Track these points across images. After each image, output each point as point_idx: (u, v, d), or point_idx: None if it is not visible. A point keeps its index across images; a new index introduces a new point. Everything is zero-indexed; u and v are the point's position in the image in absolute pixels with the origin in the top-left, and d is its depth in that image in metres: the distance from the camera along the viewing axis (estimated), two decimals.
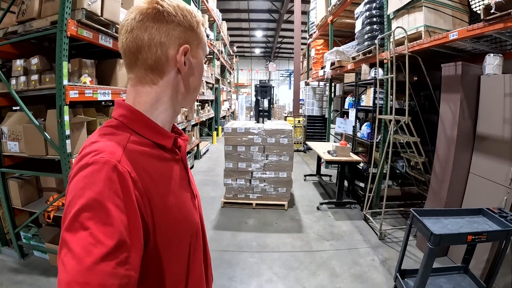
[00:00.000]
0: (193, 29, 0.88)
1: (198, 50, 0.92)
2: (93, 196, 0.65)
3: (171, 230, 0.81)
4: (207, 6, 9.68)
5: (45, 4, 2.96)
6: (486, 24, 2.99)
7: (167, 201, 0.82)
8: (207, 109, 10.99)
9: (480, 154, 3.56)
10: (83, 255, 0.60)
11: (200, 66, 0.94)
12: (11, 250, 3.68)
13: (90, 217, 0.64)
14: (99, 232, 0.63)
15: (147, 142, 0.84)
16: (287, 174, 5.46)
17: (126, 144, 0.78)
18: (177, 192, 0.87)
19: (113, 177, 0.69)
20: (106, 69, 3.77)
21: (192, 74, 0.91)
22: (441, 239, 2.50)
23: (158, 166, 0.83)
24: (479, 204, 3.16)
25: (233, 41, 23.12)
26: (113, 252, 0.63)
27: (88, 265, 0.59)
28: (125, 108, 0.86)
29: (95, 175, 0.68)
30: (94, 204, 0.65)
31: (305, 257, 3.89)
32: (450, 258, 3.78)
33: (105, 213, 0.65)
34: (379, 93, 5.01)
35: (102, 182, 0.67)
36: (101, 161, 0.70)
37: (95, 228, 0.63)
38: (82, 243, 0.61)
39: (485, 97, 3.51)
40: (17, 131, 3.20)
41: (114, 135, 0.80)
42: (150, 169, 0.80)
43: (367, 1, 5.51)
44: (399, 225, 4.76)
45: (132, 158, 0.76)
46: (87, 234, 0.62)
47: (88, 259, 0.59)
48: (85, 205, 0.65)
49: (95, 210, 0.64)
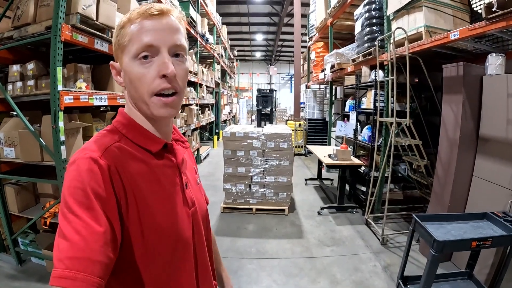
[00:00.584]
0: (117, 43, 0.89)
1: (123, 58, 0.88)
2: (77, 185, 0.74)
3: (147, 230, 0.84)
4: (206, 10, 9.67)
5: (40, 9, 2.93)
6: (488, 23, 2.93)
7: (147, 202, 0.85)
8: (207, 113, 10.96)
9: (484, 156, 3.49)
10: (72, 235, 0.68)
11: (130, 74, 0.87)
12: (8, 256, 3.63)
13: (75, 202, 0.72)
14: (83, 215, 0.71)
15: (134, 146, 0.90)
16: (287, 178, 5.40)
17: (112, 144, 0.86)
18: (162, 196, 0.90)
19: (94, 168, 0.77)
20: (103, 74, 3.73)
21: (128, 83, 0.90)
22: (444, 246, 2.43)
23: (141, 168, 0.88)
24: (483, 208, 3.10)
25: (234, 45, 23.14)
26: (98, 233, 0.70)
27: (76, 242, 0.68)
28: (120, 114, 0.96)
29: (80, 168, 0.77)
30: (78, 192, 0.73)
31: (305, 264, 3.82)
32: (453, 263, 3.70)
33: (88, 198, 0.73)
34: (380, 95, 4.95)
35: (84, 172, 0.76)
36: (85, 157, 0.79)
37: (80, 211, 0.71)
38: (71, 225, 0.70)
39: (488, 97, 3.46)
40: (13, 137, 3.16)
41: (104, 137, 0.88)
42: (132, 169, 0.85)
43: (366, 2, 5.47)
44: (401, 230, 4.69)
45: (113, 155, 0.83)
46: (74, 217, 0.70)
47: (76, 237, 0.68)
48: (71, 193, 0.73)
49: (79, 196, 0.73)
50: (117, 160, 0.83)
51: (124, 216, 0.80)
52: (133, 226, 0.81)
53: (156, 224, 0.85)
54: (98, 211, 0.73)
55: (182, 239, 0.92)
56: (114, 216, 0.77)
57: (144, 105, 0.89)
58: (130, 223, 0.81)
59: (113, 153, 0.83)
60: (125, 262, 0.81)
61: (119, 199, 0.80)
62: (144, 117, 0.93)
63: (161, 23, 0.86)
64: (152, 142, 0.92)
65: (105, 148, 0.83)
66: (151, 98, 0.86)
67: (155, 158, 0.92)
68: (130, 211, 0.81)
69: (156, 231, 0.85)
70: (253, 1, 17.70)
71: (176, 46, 0.88)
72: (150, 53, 0.85)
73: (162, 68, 0.84)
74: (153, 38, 0.84)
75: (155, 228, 0.85)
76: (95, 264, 0.67)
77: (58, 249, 0.68)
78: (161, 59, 0.85)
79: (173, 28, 0.87)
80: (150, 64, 0.85)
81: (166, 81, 0.85)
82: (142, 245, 0.83)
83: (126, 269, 0.82)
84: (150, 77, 0.85)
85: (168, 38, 0.86)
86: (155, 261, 0.86)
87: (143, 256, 0.83)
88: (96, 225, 0.71)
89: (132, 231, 0.81)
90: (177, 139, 1.08)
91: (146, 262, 0.84)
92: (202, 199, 1.09)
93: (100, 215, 0.73)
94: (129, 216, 0.81)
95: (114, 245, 0.75)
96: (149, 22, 0.85)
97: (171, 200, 0.92)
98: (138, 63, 0.85)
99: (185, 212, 0.95)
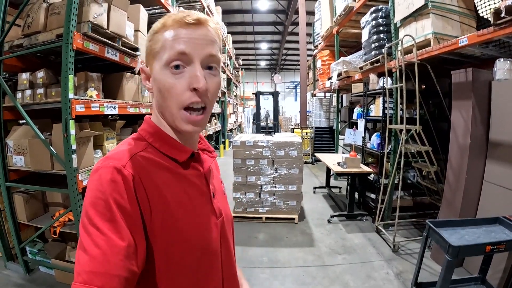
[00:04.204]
0: (150, 48, 0.87)
1: (154, 64, 0.86)
2: (99, 196, 0.72)
3: (173, 242, 0.81)
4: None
5: (51, 17, 2.96)
6: (496, 29, 2.93)
7: (173, 213, 0.82)
8: (214, 122, 10.99)
9: (494, 161, 3.46)
10: (91, 248, 0.67)
11: (159, 82, 0.84)
12: (16, 265, 3.62)
13: (97, 214, 0.70)
14: (104, 227, 0.69)
15: (160, 154, 0.88)
16: (297, 187, 5.36)
17: (137, 153, 0.84)
18: (189, 207, 0.87)
19: (117, 178, 0.75)
20: (113, 82, 3.74)
21: (156, 91, 0.87)
22: (459, 251, 2.40)
23: (167, 178, 0.85)
24: (494, 213, 3.05)
25: (239, 54, 23.27)
26: (118, 246, 0.68)
27: (95, 256, 0.66)
28: (146, 122, 0.94)
29: (102, 178, 0.75)
30: (100, 203, 0.72)
31: (318, 272, 3.78)
32: (465, 268, 3.65)
33: (110, 210, 0.71)
34: (388, 103, 4.93)
35: (107, 183, 0.74)
36: (108, 166, 0.77)
37: (101, 223, 0.69)
38: (91, 238, 0.68)
39: (497, 102, 3.43)
40: (22, 145, 3.16)
41: (130, 146, 0.87)
42: (157, 179, 0.83)
43: (373, 10, 5.48)
44: (412, 237, 4.64)
45: (138, 165, 0.81)
46: (94, 230, 0.69)
47: (96, 251, 0.66)
48: (92, 204, 0.72)
49: (100, 208, 0.71)
50: (142, 170, 0.81)
51: (148, 228, 0.78)
52: (158, 238, 0.79)
53: (183, 235, 0.83)
54: (120, 223, 0.71)
55: (210, 250, 0.90)
56: (137, 228, 0.75)
57: (170, 117, 0.86)
58: (155, 235, 0.79)
59: (138, 163, 0.81)
60: (150, 274, 0.79)
61: (143, 211, 0.77)
62: (170, 127, 0.90)
63: (197, 33, 0.82)
64: (179, 151, 0.90)
65: (129, 157, 0.81)
66: (180, 111, 0.83)
67: (182, 168, 0.90)
68: (154, 222, 0.79)
69: (182, 242, 0.82)
70: (258, 10, 17.81)
71: (210, 57, 0.84)
72: (182, 62, 0.81)
73: (194, 81, 0.81)
74: (186, 47, 0.80)
75: (181, 240, 0.82)
76: (113, 278, 0.66)
77: (78, 262, 0.67)
78: (193, 71, 0.82)
79: (208, 39, 0.84)
80: (181, 75, 0.82)
81: (196, 95, 0.82)
82: (167, 257, 0.80)
83: (151, 281, 0.80)
84: (180, 89, 0.82)
85: (203, 49, 0.82)
86: (180, 273, 0.83)
87: (169, 268, 0.81)
88: (117, 238, 0.69)
89: (157, 243, 0.79)
90: (204, 149, 1.04)
91: (171, 274, 0.82)
92: (228, 209, 1.06)
93: (122, 227, 0.71)
94: (154, 228, 0.79)
95: (138, 258, 0.73)
96: (184, 31, 0.82)
97: (198, 211, 0.89)
98: (169, 72, 0.82)
99: (213, 223, 0.93)
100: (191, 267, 0.85)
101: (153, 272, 0.80)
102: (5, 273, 3.57)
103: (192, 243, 0.84)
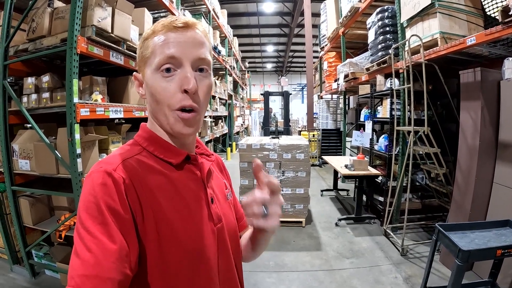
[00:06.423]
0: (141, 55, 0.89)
1: (145, 70, 0.88)
2: (90, 200, 0.73)
3: (166, 245, 0.80)
4: (218, 23, 9.75)
5: (55, 22, 2.97)
6: (505, 27, 2.89)
7: (166, 216, 0.82)
8: (221, 125, 10.99)
9: (504, 162, 3.39)
10: (83, 252, 0.67)
11: (151, 86, 0.86)
12: (22, 268, 3.63)
13: (89, 218, 0.71)
14: (96, 231, 0.69)
15: (154, 158, 0.88)
16: (304, 190, 5.31)
17: (130, 157, 0.85)
18: (183, 211, 0.86)
19: (107, 182, 0.75)
20: (118, 86, 3.75)
21: (149, 95, 0.89)
22: (469, 256, 2.34)
23: (160, 181, 0.85)
24: (504, 215, 3.00)
25: (245, 56, 23.31)
26: (110, 249, 0.68)
27: (87, 259, 0.66)
28: (142, 128, 0.95)
29: (94, 182, 0.75)
30: (92, 206, 0.72)
31: (325, 277, 3.73)
32: (475, 272, 3.57)
33: (101, 213, 0.71)
34: (396, 104, 4.88)
35: (98, 187, 0.74)
36: (100, 170, 0.77)
37: (93, 227, 0.70)
38: (83, 241, 0.69)
39: (506, 102, 3.37)
40: (28, 149, 3.18)
41: (123, 150, 0.88)
42: (150, 182, 0.83)
43: (379, 11, 5.44)
44: (421, 240, 4.57)
45: (130, 168, 0.82)
46: (86, 233, 0.69)
47: (87, 255, 0.67)
48: (84, 208, 0.73)
49: (92, 211, 0.71)
50: (133, 173, 0.81)
51: (140, 230, 0.78)
52: (150, 241, 0.79)
53: (176, 239, 0.82)
54: (111, 226, 0.71)
55: (204, 256, 0.87)
56: (129, 231, 0.75)
57: (164, 119, 0.87)
58: (147, 238, 0.78)
59: (130, 166, 0.82)
60: (143, 277, 0.79)
61: (135, 213, 0.77)
62: (164, 131, 0.91)
63: (185, 36, 0.84)
64: (173, 154, 0.90)
65: (121, 161, 0.82)
66: (171, 112, 0.84)
67: (176, 171, 0.89)
68: (147, 225, 0.78)
69: (175, 246, 0.81)
70: (263, 13, 17.85)
71: (200, 60, 0.85)
72: (172, 65, 0.83)
73: (184, 83, 0.82)
74: (176, 50, 0.82)
75: (175, 244, 0.81)
76: (106, 281, 0.66)
77: (71, 266, 0.68)
78: (183, 73, 0.83)
79: (197, 42, 0.85)
80: (172, 77, 0.83)
81: (187, 96, 0.83)
82: (160, 260, 0.80)
83: (144, 284, 0.79)
84: (171, 91, 0.83)
85: (192, 51, 0.84)
86: (174, 277, 0.82)
87: (161, 272, 0.80)
88: (109, 241, 0.69)
89: (150, 247, 0.79)
90: (202, 153, 1.03)
91: (165, 277, 0.80)
92: (231, 215, 1.04)
93: (114, 230, 0.71)
94: (146, 231, 0.78)
95: (130, 260, 0.73)
96: (173, 35, 0.83)
97: (193, 215, 0.87)
98: (160, 76, 0.84)
99: (210, 229, 0.90)
100: (184, 272, 0.83)
101: (146, 275, 0.79)
102: (11, 276, 3.59)
103: (186, 247, 0.83)
